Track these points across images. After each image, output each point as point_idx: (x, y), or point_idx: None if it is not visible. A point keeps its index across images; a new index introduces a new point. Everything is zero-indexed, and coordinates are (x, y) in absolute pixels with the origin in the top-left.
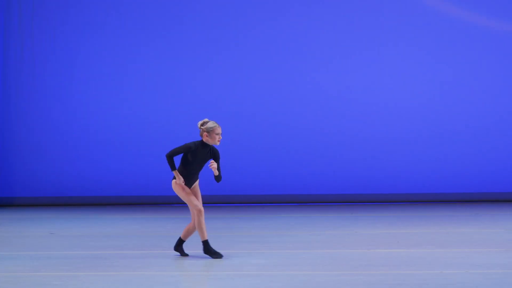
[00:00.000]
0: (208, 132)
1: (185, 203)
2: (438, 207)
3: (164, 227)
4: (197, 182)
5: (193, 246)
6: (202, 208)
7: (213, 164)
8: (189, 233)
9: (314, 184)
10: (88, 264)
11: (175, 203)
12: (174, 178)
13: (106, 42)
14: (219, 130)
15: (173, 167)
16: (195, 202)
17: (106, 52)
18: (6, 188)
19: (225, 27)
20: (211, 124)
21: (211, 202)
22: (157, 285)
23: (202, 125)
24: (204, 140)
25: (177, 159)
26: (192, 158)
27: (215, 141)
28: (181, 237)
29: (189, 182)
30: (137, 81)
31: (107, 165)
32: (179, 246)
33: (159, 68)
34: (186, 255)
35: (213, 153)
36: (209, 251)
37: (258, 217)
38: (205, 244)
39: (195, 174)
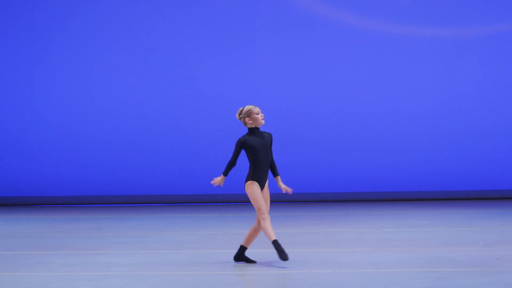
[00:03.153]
0: (248, 116)
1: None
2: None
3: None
4: (267, 184)
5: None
6: (267, 215)
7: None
8: (252, 238)
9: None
10: None
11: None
12: (248, 180)
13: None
14: (257, 109)
15: (224, 172)
16: (263, 207)
17: (100, 49)
18: None
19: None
20: (247, 107)
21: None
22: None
23: (240, 114)
24: (250, 127)
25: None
26: (253, 150)
27: (260, 120)
28: (244, 244)
29: (260, 181)
30: (138, 80)
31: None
32: (243, 255)
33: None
34: (253, 262)
35: (269, 136)
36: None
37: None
38: (274, 243)
39: (264, 168)
